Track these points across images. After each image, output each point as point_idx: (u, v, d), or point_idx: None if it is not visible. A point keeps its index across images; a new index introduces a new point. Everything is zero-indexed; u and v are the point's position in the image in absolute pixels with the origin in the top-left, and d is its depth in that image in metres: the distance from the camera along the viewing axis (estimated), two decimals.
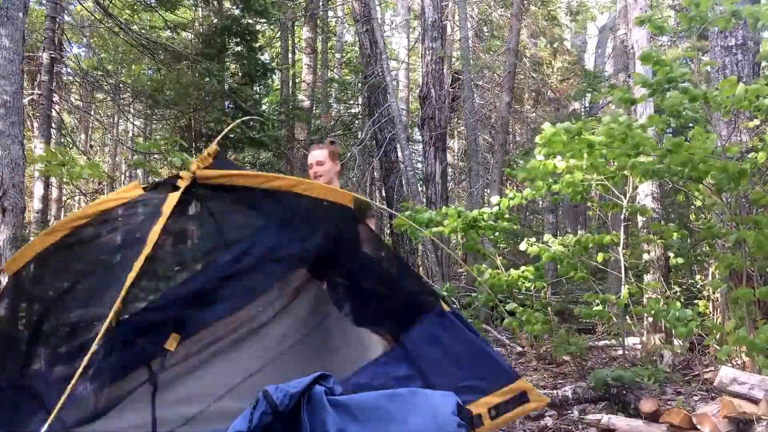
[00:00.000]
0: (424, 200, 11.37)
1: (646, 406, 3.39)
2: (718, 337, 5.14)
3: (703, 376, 5.09)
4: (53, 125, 10.42)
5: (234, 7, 13.56)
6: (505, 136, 12.13)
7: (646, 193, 6.68)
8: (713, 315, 5.94)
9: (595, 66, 18.83)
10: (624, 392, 4.19)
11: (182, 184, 2.95)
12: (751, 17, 4.51)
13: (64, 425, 2.47)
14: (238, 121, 4.63)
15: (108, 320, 2.59)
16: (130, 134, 19.45)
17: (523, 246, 6.55)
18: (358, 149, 13.10)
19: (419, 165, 15.40)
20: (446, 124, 12.48)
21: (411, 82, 19.69)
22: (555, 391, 4.52)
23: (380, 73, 10.85)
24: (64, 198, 17.07)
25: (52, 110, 10.15)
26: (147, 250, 2.77)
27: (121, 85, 13.15)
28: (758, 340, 4.14)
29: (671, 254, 6.62)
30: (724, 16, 4.72)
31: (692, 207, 6.78)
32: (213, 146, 3.04)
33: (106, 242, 3.10)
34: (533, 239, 6.54)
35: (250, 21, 13.25)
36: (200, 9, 14.62)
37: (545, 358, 6.85)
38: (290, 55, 17.77)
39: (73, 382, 2.45)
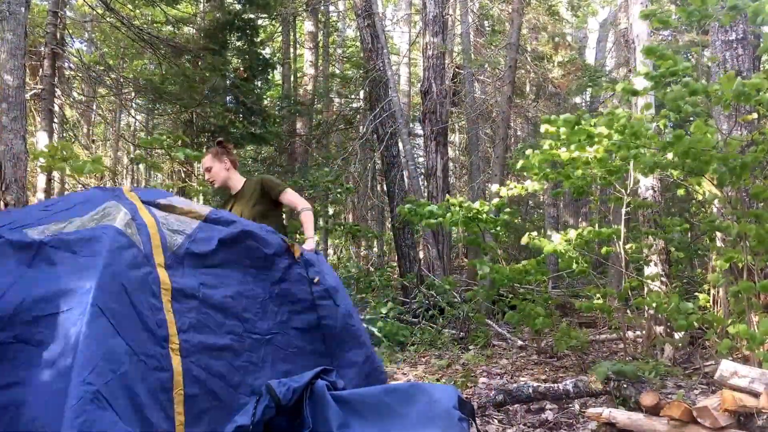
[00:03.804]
0: (426, 194, 11.38)
1: (647, 399, 3.39)
2: (718, 330, 5.15)
3: (703, 370, 5.10)
4: (55, 120, 10.41)
5: (235, 2, 13.54)
6: (506, 131, 12.11)
7: (647, 186, 6.69)
8: (714, 308, 5.95)
9: (596, 60, 18.82)
10: (625, 386, 4.20)
11: None
12: (750, 12, 4.51)
13: None
14: None
15: None
16: (132, 129, 19.45)
17: (524, 240, 6.56)
18: (359, 143, 13.12)
19: (420, 159, 15.41)
20: (447, 118, 12.46)
21: (412, 76, 19.68)
22: (556, 385, 4.53)
23: (381, 68, 10.85)
24: (66, 192, 17.08)
25: (54, 105, 10.15)
26: None
27: (123, 80, 13.13)
28: (759, 334, 4.15)
29: (672, 248, 6.62)
30: (725, 11, 4.73)
31: (693, 201, 6.77)
32: None
33: None
34: (534, 233, 6.55)
35: (252, 15, 13.22)
36: (202, 3, 14.60)
37: (546, 351, 6.87)
38: (292, 50, 17.74)
39: None
